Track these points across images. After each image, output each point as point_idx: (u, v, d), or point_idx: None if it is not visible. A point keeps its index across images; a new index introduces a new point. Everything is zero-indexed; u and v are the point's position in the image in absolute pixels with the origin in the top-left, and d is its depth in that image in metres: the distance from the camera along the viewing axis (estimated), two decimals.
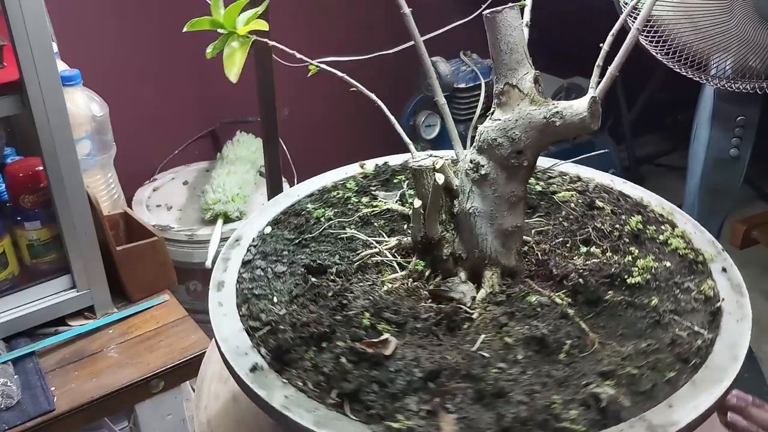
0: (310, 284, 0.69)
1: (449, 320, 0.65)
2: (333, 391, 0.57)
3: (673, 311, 0.66)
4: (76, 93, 1.42)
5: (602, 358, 0.60)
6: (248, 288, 0.69)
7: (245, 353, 0.60)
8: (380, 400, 0.56)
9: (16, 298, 1.20)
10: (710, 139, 1.49)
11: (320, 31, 2.18)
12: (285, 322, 0.63)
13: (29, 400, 1.09)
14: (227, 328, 0.63)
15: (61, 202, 1.14)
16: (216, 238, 1.79)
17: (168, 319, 1.29)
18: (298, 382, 0.58)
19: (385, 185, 0.86)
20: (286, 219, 0.79)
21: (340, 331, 0.62)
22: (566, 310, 0.65)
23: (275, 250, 0.74)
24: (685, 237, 0.76)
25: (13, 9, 0.99)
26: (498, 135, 0.66)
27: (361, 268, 0.72)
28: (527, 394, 0.56)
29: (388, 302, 0.67)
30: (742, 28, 1.25)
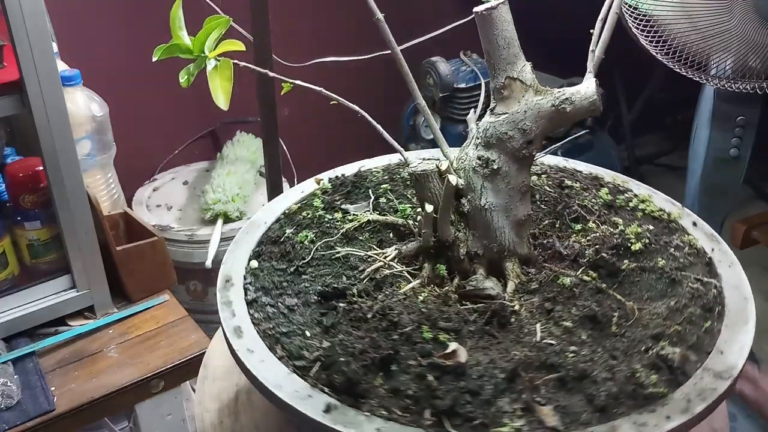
0: (340, 310, 0.65)
1: (499, 317, 0.65)
2: (425, 411, 0.55)
3: (678, 268, 0.71)
4: (76, 93, 1.42)
5: (646, 322, 0.64)
6: (270, 328, 0.64)
7: (308, 395, 0.57)
8: (477, 408, 0.55)
9: (16, 298, 1.20)
10: (710, 139, 1.49)
11: (320, 31, 2.18)
12: (337, 354, 0.60)
13: (29, 400, 1.09)
14: (272, 374, 0.59)
15: (61, 202, 1.14)
16: (216, 238, 1.79)
17: (168, 319, 1.29)
18: (383, 412, 0.55)
19: (349, 197, 0.83)
20: (267, 249, 0.74)
21: (403, 351, 0.60)
22: (599, 285, 0.69)
23: (274, 284, 0.70)
24: (647, 201, 0.82)
25: (13, 9, 0.99)
26: (509, 128, 0.68)
27: (378, 285, 0.69)
28: (608, 370, 0.59)
29: (433, 312, 0.65)
30: (742, 28, 1.25)
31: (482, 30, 0.67)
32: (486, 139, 0.69)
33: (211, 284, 1.86)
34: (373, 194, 0.83)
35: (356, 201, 0.82)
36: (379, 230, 0.77)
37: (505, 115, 0.68)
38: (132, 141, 1.82)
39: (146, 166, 2.11)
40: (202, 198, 1.90)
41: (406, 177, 0.86)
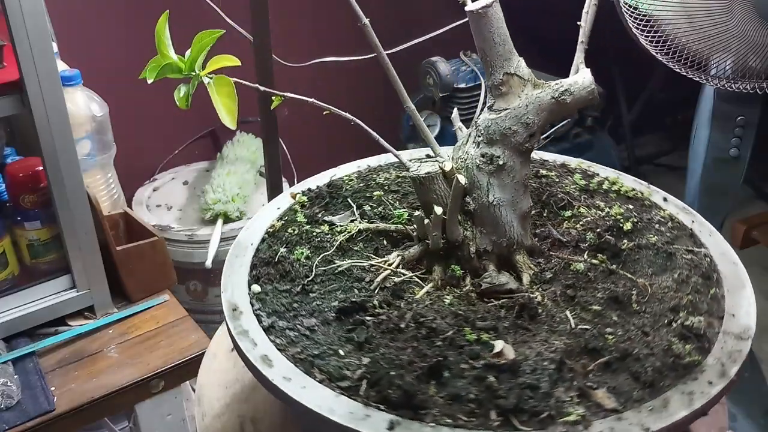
0: (369, 324, 0.64)
1: (528, 310, 0.66)
2: (491, 413, 0.55)
3: (668, 242, 0.75)
4: (76, 93, 1.42)
5: (661, 297, 0.67)
6: (298, 352, 0.62)
7: (366, 415, 0.55)
8: (539, 402, 0.55)
9: (16, 298, 1.20)
10: (710, 139, 1.49)
11: (320, 31, 2.18)
12: (382, 368, 0.58)
13: (29, 400, 1.09)
14: (319, 399, 0.56)
15: (61, 202, 1.14)
16: (216, 238, 1.79)
17: (168, 319, 1.29)
18: (447, 420, 0.54)
19: (328, 209, 0.82)
20: (265, 271, 0.71)
21: (451, 356, 0.60)
22: (609, 267, 0.71)
23: (284, 307, 0.67)
24: (617, 182, 0.85)
25: (13, 9, 0.99)
26: (512, 123, 0.69)
27: (395, 293, 0.68)
28: (646, 346, 0.61)
29: (466, 313, 0.65)
30: (742, 28, 1.25)
31: (477, 28, 0.67)
32: (489, 136, 0.69)
33: (211, 284, 1.86)
34: (354, 203, 0.81)
35: (337, 212, 0.81)
36: (372, 239, 0.76)
37: (506, 111, 0.69)
38: (132, 141, 1.82)
39: (146, 166, 2.11)
40: (202, 198, 1.90)
41: (381, 182, 0.85)
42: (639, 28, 1.29)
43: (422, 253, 0.72)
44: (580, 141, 2.38)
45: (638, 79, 2.71)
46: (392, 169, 0.89)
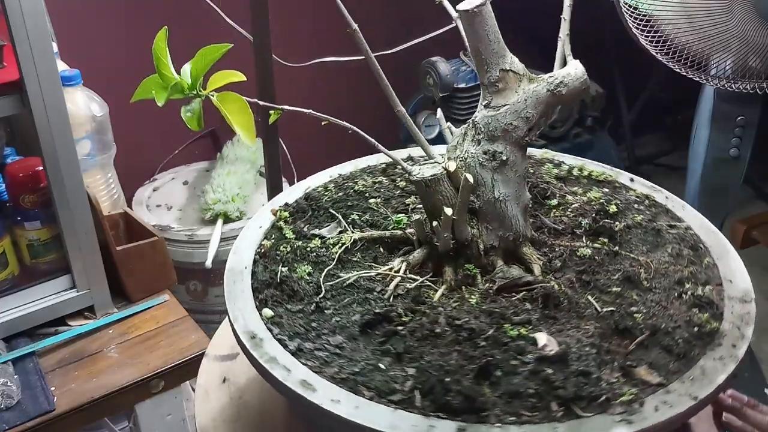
0: (404, 333, 0.63)
1: (552, 300, 0.67)
2: (552, 404, 0.56)
3: (651, 220, 0.79)
4: (76, 93, 1.42)
5: (663, 271, 0.71)
6: (337, 372, 0.60)
7: (430, 426, 0.54)
8: (593, 387, 0.57)
9: (16, 298, 1.20)
10: (710, 139, 1.49)
11: (320, 31, 2.18)
12: (432, 377, 0.58)
13: (29, 400, 1.09)
14: (376, 416, 0.55)
15: (61, 202, 1.14)
16: (216, 238, 1.79)
17: (168, 319, 1.28)
18: (511, 418, 0.55)
19: (312, 222, 0.80)
20: (270, 294, 0.69)
21: (498, 354, 0.60)
22: (612, 249, 0.74)
23: (304, 328, 0.65)
24: (584, 168, 0.89)
25: (13, 9, 0.99)
26: (512, 118, 0.69)
27: (415, 299, 0.68)
28: (670, 319, 0.65)
29: (499, 310, 0.65)
30: (742, 28, 1.25)
31: (471, 28, 0.68)
32: (490, 133, 0.70)
33: (210, 284, 1.86)
34: (338, 213, 0.80)
35: (322, 224, 0.79)
36: (368, 247, 0.75)
37: (506, 107, 0.70)
38: (132, 141, 1.82)
39: (146, 166, 2.11)
40: (202, 198, 1.90)
41: (360, 189, 0.84)
42: (639, 28, 1.29)
43: (426, 257, 0.72)
44: (580, 141, 2.38)
45: (638, 79, 2.71)
46: (366, 175, 0.88)
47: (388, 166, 0.90)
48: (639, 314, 0.65)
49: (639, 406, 0.56)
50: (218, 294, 1.87)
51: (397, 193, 0.84)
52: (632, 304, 0.67)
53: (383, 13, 2.15)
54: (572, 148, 2.17)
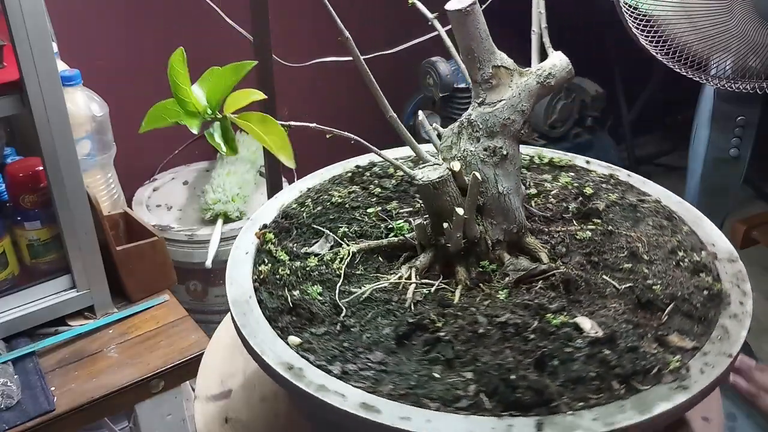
0: (447, 338, 0.62)
1: (573, 285, 0.68)
2: (613, 383, 0.57)
3: (623, 197, 0.83)
4: (76, 93, 1.42)
5: (656, 243, 0.74)
6: (393, 389, 0.58)
7: (508, 425, 0.54)
8: (643, 360, 0.59)
9: (16, 298, 1.20)
10: (710, 139, 1.49)
11: (320, 31, 2.18)
12: (493, 377, 0.57)
13: (29, 400, 1.09)
14: (452, 426, 0.54)
15: (61, 202, 1.14)
16: (216, 238, 1.79)
17: (168, 319, 1.29)
18: (580, 404, 0.55)
19: (299, 240, 0.77)
20: (290, 320, 0.66)
21: (550, 344, 0.60)
22: (607, 228, 0.77)
23: (338, 350, 0.62)
24: (541, 155, 0.91)
25: (13, 9, 0.99)
26: (510, 113, 0.70)
27: (441, 303, 0.67)
28: (682, 287, 0.68)
29: (534, 301, 0.66)
30: (742, 27, 1.25)
31: (463, 27, 0.68)
32: (489, 129, 0.70)
33: (210, 284, 1.86)
34: (324, 228, 0.77)
35: (309, 241, 0.76)
36: (367, 259, 0.73)
37: (502, 102, 0.70)
38: (132, 141, 1.81)
39: (146, 166, 2.10)
40: (202, 198, 1.90)
41: (337, 201, 0.82)
42: (639, 28, 1.29)
43: (432, 260, 0.72)
44: (580, 141, 2.38)
45: (638, 79, 2.71)
46: (337, 186, 0.86)
47: (355, 175, 0.88)
48: (656, 286, 0.68)
49: (686, 371, 0.59)
50: (218, 294, 1.87)
51: (374, 201, 0.82)
52: (646, 278, 0.69)
53: (383, 13, 2.15)
54: (572, 148, 2.17)
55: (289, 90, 2.04)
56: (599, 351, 0.59)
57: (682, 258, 0.72)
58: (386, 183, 0.86)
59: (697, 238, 0.76)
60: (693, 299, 0.66)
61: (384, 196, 0.84)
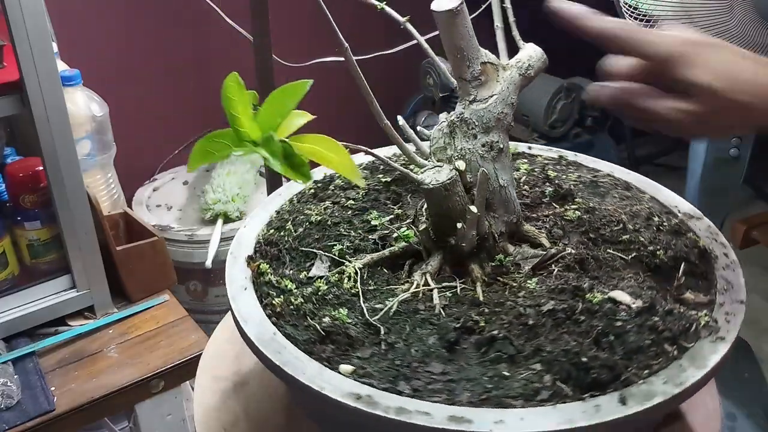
0: (503, 336, 0.61)
1: (588, 265, 0.70)
2: (666, 347, 0.60)
3: (579, 176, 0.88)
4: (76, 93, 1.42)
5: (631, 213, 0.78)
6: (470, 396, 0.57)
7: (596, 406, 0.55)
8: (682, 321, 0.62)
9: (16, 298, 1.20)
10: (710, 139, 1.49)
11: (320, 30, 2.18)
12: (563, 364, 0.58)
13: (29, 400, 1.09)
14: (549, 420, 0.54)
15: (61, 202, 1.14)
16: (216, 238, 1.79)
17: (168, 319, 1.29)
18: (645, 372, 0.58)
19: (291, 265, 0.73)
20: (330, 351, 0.62)
21: (601, 321, 0.62)
22: (588, 206, 0.80)
23: (395, 369, 0.60)
24: None
25: (12, 9, 0.99)
26: (502, 107, 0.71)
27: (474, 303, 0.66)
28: (678, 248, 0.72)
29: (565, 285, 0.67)
30: (743, 28, 1.25)
31: (453, 26, 0.68)
32: (484, 125, 0.71)
33: (210, 284, 1.86)
34: (314, 249, 0.74)
35: (302, 264, 0.73)
36: (373, 273, 0.71)
37: (494, 97, 0.71)
38: (132, 141, 1.82)
39: (146, 166, 2.11)
40: (202, 198, 1.90)
41: (316, 219, 0.78)
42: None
43: (441, 262, 0.71)
44: (581, 141, 2.38)
45: None
46: (307, 203, 0.83)
47: (318, 190, 0.86)
48: (659, 251, 0.71)
49: (715, 323, 0.63)
50: (218, 294, 1.87)
51: (351, 214, 0.80)
52: (645, 246, 0.72)
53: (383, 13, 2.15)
54: (573, 148, 2.16)
55: None
56: (646, 319, 0.62)
57: (660, 222, 0.77)
58: (352, 194, 0.83)
59: (660, 203, 0.81)
60: (690, 258, 0.70)
61: (358, 208, 0.81)
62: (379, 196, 0.84)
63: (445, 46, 0.70)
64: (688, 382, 0.57)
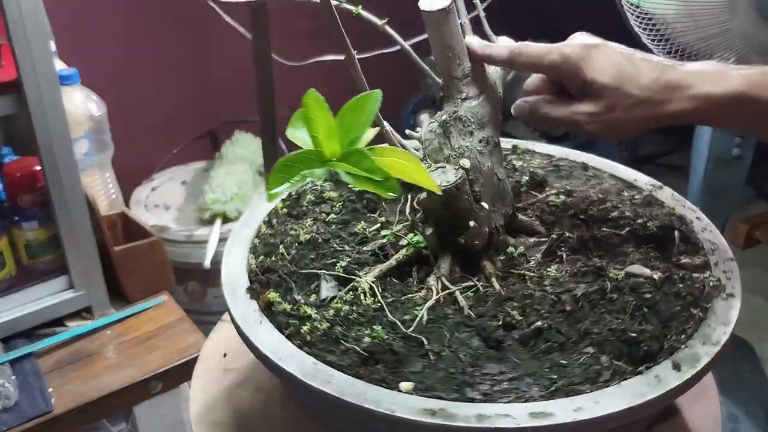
0: (548, 326, 0.63)
1: (591, 245, 0.73)
2: (692, 310, 0.63)
3: (540, 162, 0.91)
4: (74, 92, 1.42)
5: (604, 190, 0.82)
6: (539, 390, 0.57)
7: (656, 376, 0.57)
8: (696, 284, 0.66)
9: (13, 298, 1.19)
10: (712, 139, 1.48)
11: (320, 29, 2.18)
12: (616, 342, 0.60)
13: (27, 401, 1.09)
14: (618, 397, 0.55)
15: (58, 202, 1.14)
16: (214, 238, 1.78)
17: (166, 320, 1.28)
18: (682, 336, 0.61)
19: (295, 290, 0.69)
20: (382, 370, 0.60)
21: (631, 297, 0.65)
22: (565, 189, 0.82)
23: (454, 377, 0.59)
24: None
25: (11, 8, 0.98)
26: (494, 102, 0.73)
27: (497, 301, 0.67)
28: (659, 218, 0.76)
29: (587, 267, 0.69)
30: (744, 27, 1.24)
31: (444, 25, 0.68)
32: (479, 121, 0.71)
33: (209, 285, 1.85)
34: (311, 269, 0.71)
35: (307, 287, 0.70)
36: (385, 284, 0.69)
37: (485, 92, 0.72)
38: (130, 141, 1.81)
39: (144, 166, 2.10)
40: (200, 198, 1.89)
41: (305, 239, 0.75)
42: (641, 26, 1.29)
43: (451, 264, 0.71)
44: (581, 141, 2.37)
45: None
46: (285, 224, 0.80)
47: (290, 207, 0.83)
48: (649, 223, 0.74)
49: (719, 282, 0.67)
50: (217, 295, 1.86)
51: (337, 228, 0.78)
52: (633, 220, 0.75)
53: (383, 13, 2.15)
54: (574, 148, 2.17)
55: (289, 90, 2.04)
56: (669, 288, 0.65)
57: (631, 196, 0.81)
58: (326, 208, 0.82)
59: (620, 179, 0.86)
60: (674, 225, 0.74)
61: (340, 221, 0.80)
62: (356, 206, 0.82)
63: (434, 45, 0.70)
64: (722, 339, 0.61)
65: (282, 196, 0.83)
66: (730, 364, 1.72)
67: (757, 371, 1.72)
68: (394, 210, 0.81)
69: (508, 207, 0.75)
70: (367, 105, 0.58)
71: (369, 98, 0.58)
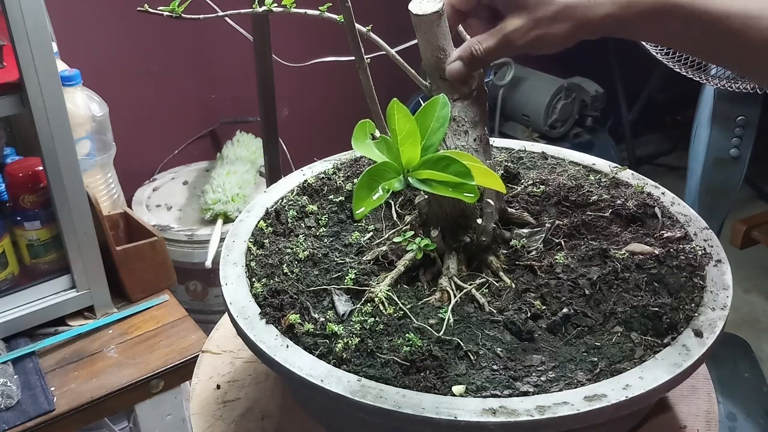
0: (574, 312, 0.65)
1: (582, 230, 0.75)
2: (695, 279, 0.67)
3: (509, 155, 0.93)
4: (75, 93, 1.42)
5: (574, 176, 0.85)
6: (585, 374, 0.59)
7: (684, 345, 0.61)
8: (689, 255, 0.70)
9: (15, 298, 1.20)
10: (710, 139, 1.49)
11: (320, 29, 2.19)
12: (640, 318, 0.63)
13: (29, 400, 1.09)
14: (660, 370, 0.57)
15: (60, 202, 1.14)
16: (216, 238, 1.79)
17: (168, 319, 1.28)
18: (693, 305, 0.64)
19: (307, 309, 0.67)
20: (430, 377, 0.59)
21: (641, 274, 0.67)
22: (541, 179, 0.84)
23: (498, 373, 0.60)
24: None
25: (12, 9, 0.99)
26: (483, 100, 0.74)
27: (516, 293, 0.68)
28: (633, 197, 0.79)
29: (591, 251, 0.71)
30: None
31: (437, 27, 0.68)
32: (472, 120, 0.72)
33: (210, 284, 1.86)
34: (322, 285, 0.70)
35: (319, 305, 0.68)
36: (399, 291, 0.69)
37: (474, 92, 0.73)
38: (132, 141, 1.82)
39: (146, 166, 2.11)
40: (201, 198, 1.90)
41: (303, 255, 0.74)
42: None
43: (458, 263, 0.71)
44: (581, 141, 2.38)
45: (638, 79, 2.71)
46: (279, 242, 0.78)
47: (274, 226, 0.80)
48: (629, 203, 0.77)
49: (705, 251, 0.70)
50: (218, 294, 1.87)
51: (330, 241, 0.78)
52: (611, 202, 0.78)
53: (383, 13, 2.15)
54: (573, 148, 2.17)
55: (289, 90, 2.04)
56: (673, 261, 0.68)
57: (598, 179, 0.84)
58: (312, 222, 0.81)
59: (580, 165, 0.89)
60: (648, 202, 0.78)
61: (331, 234, 0.79)
62: (340, 217, 0.82)
63: (424, 48, 0.70)
64: (727, 302, 0.64)
65: (267, 207, 0.82)
66: (728, 363, 1.72)
67: (756, 371, 1.73)
68: (378, 217, 0.81)
69: (502, 202, 0.76)
70: (436, 110, 0.60)
71: (436, 104, 0.61)
